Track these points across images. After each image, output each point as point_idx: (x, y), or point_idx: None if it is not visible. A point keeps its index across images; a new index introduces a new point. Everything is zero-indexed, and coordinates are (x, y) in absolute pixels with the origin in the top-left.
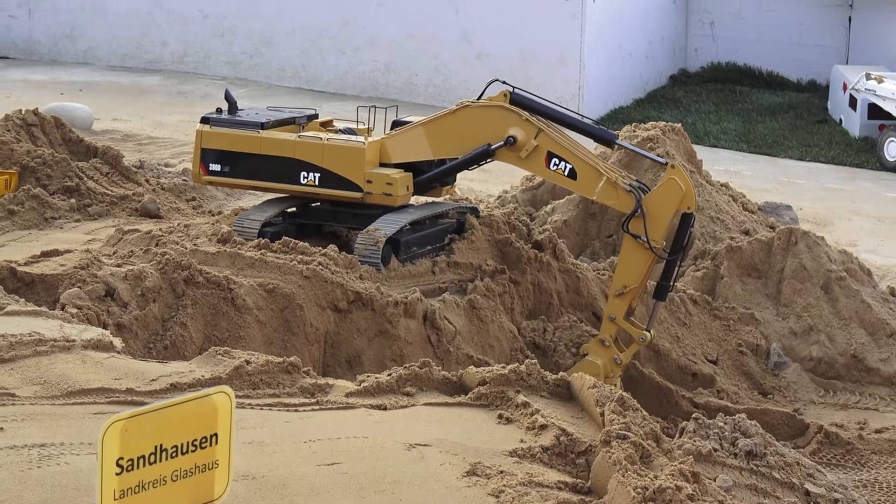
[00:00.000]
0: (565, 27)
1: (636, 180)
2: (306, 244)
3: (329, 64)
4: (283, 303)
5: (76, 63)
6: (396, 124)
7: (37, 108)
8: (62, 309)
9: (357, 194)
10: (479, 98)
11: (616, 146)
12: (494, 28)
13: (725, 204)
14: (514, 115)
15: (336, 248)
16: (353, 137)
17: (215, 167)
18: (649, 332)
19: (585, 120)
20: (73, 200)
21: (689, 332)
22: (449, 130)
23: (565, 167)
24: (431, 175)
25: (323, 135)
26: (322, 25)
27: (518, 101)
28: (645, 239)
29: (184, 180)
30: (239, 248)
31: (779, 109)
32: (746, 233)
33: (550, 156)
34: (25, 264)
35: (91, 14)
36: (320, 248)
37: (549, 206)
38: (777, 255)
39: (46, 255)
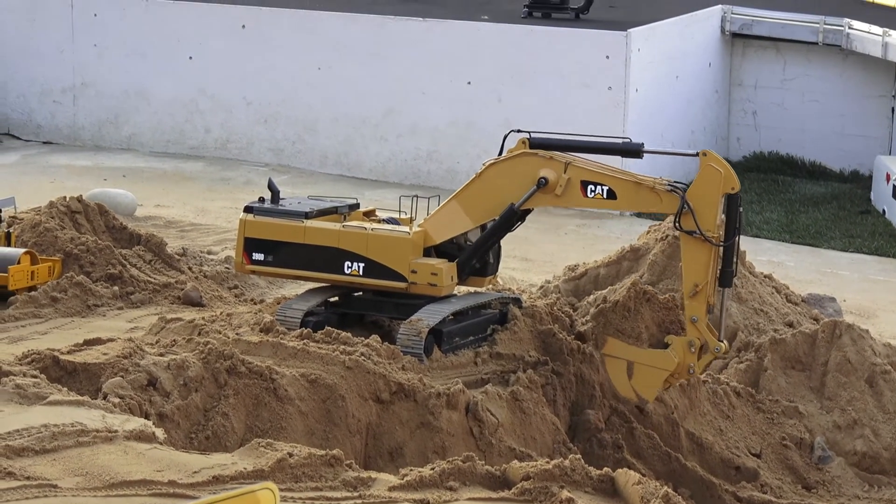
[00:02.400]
0: (608, 115)
1: (673, 181)
2: (349, 334)
3: (371, 151)
4: (325, 393)
5: (120, 149)
6: None
7: (81, 196)
8: (104, 398)
9: (402, 284)
10: (500, 153)
11: (644, 153)
12: (537, 116)
13: (769, 296)
14: (538, 158)
15: (378, 339)
16: (397, 227)
17: (258, 256)
18: (723, 342)
19: (607, 140)
20: (115, 288)
21: (733, 424)
22: (481, 193)
23: (602, 190)
24: (469, 252)
25: (367, 224)
26: (365, 113)
27: (538, 143)
28: (699, 232)
29: (226, 268)
30: (281, 338)
31: (821, 200)
32: (790, 325)
33: (585, 184)
34: (68, 353)
35: (135, 100)
36: (363, 338)
37: (592, 296)
38: (821, 348)
39: (89, 343)
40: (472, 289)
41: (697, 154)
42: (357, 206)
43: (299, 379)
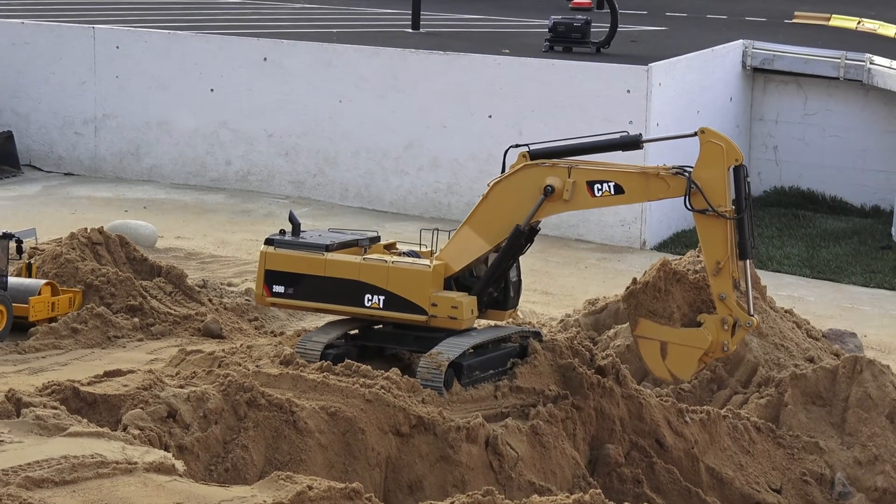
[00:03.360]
0: (629, 151)
1: (675, 165)
2: (369, 367)
3: (392, 184)
4: (344, 426)
5: (141, 180)
6: None
7: (102, 227)
8: (124, 430)
9: (422, 317)
10: (502, 171)
11: (643, 143)
12: None
13: (790, 331)
14: (540, 168)
15: (398, 372)
16: (417, 260)
17: (279, 289)
18: (754, 316)
19: (604, 137)
20: (136, 319)
21: (753, 460)
22: (491, 213)
23: (609, 187)
24: (485, 278)
25: (388, 257)
26: (385, 146)
27: (537, 153)
28: (711, 209)
29: (246, 300)
30: (301, 371)
31: (842, 235)
32: (811, 360)
33: (591, 184)
34: (88, 384)
35: (156, 132)
36: (383, 371)
37: (612, 330)
38: (842, 384)
39: (109, 374)
40: (492, 322)
41: (696, 133)
42: (378, 238)
43: (319, 412)
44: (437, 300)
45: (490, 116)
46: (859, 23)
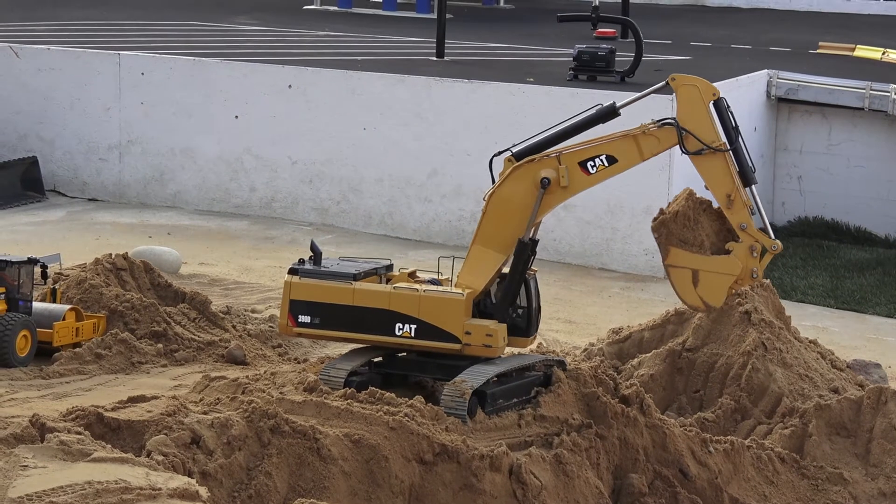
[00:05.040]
0: (653, 179)
1: (656, 120)
2: (393, 395)
3: (416, 212)
4: (368, 454)
5: (165, 206)
6: None
7: (126, 253)
8: (148, 456)
9: (455, 346)
10: (493, 181)
11: (620, 109)
12: None
13: (814, 361)
14: (530, 165)
15: (422, 400)
16: (448, 289)
17: (305, 319)
18: (777, 240)
19: (582, 116)
20: (160, 345)
21: (777, 490)
22: (496, 225)
23: (602, 160)
24: (501, 296)
25: (418, 286)
26: (409, 174)
27: (522, 153)
28: (706, 146)
29: (270, 327)
30: (325, 398)
31: (867, 265)
32: (835, 391)
33: (583, 164)
34: (112, 409)
35: (181, 158)
36: (406, 398)
37: (636, 359)
38: (866, 415)
39: (133, 400)
40: (516, 350)
41: (668, 82)
42: (391, 267)
43: (343, 439)
44: (471, 328)
45: (514, 145)
46: (884, 53)
